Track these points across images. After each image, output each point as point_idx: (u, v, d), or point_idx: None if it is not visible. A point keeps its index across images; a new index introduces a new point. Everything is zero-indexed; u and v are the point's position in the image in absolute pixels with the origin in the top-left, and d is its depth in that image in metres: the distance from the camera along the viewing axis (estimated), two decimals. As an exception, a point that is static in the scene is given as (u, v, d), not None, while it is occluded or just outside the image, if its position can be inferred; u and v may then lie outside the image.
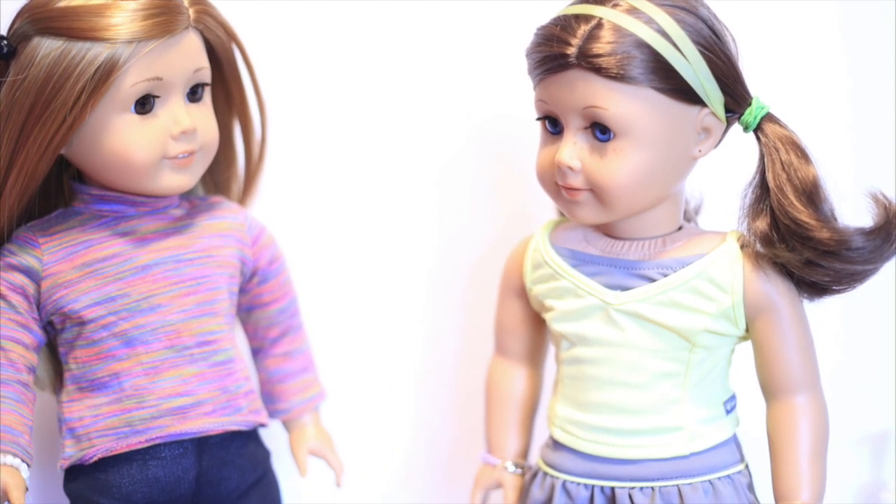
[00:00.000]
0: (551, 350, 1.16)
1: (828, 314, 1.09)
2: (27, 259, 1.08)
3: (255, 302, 1.19)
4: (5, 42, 1.05)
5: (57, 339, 1.10)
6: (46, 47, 1.02)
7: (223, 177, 1.21)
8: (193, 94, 1.09)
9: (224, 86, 1.15)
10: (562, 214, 1.13)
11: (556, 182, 1.04)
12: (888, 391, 1.31)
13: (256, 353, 1.21)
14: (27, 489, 1.05)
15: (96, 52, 1.01)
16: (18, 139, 1.03)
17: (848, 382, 1.24)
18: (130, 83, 1.03)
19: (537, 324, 1.15)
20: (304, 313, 1.23)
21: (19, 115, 1.03)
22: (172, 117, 1.06)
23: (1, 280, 1.08)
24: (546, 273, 1.10)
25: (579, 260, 1.08)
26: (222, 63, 1.13)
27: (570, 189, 1.03)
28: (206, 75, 1.09)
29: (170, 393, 1.08)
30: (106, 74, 1.02)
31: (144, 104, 1.05)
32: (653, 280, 1.04)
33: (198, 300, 1.10)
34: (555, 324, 1.09)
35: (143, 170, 1.06)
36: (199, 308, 1.10)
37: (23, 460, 1.05)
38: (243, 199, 1.22)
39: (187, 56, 1.06)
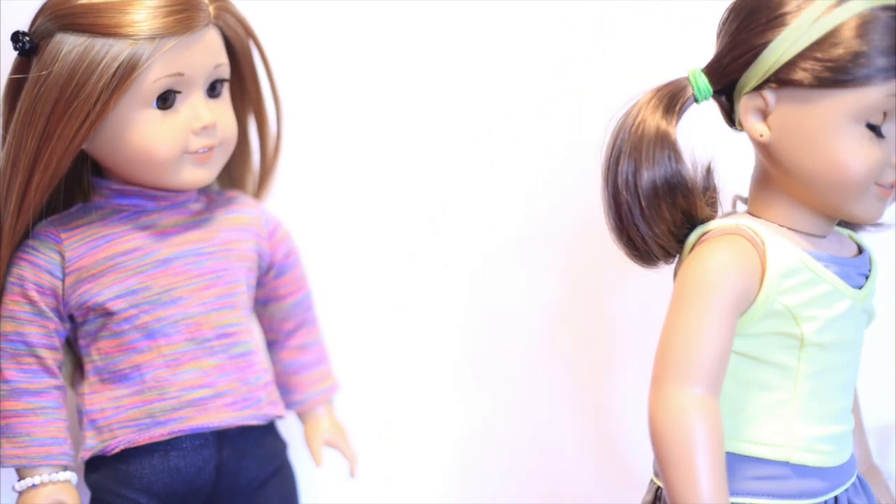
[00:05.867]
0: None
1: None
2: (51, 255, 1.09)
3: (272, 295, 1.20)
4: (27, 38, 1.05)
5: (77, 331, 1.11)
6: (70, 44, 1.03)
7: (238, 172, 1.21)
8: (213, 90, 1.10)
9: (240, 82, 1.16)
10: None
11: (875, 183, 0.96)
12: (891, 383, 1.32)
13: (272, 345, 1.22)
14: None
15: (119, 49, 1.02)
16: (42, 135, 1.04)
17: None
18: (152, 79, 1.04)
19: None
20: (316, 307, 1.24)
21: (43, 111, 1.03)
22: (193, 112, 1.07)
23: (29, 285, 1.08)
24: (805, 279, 0.97)
25: (826, 261, 0.99)
26: (240, 59, 1.14)
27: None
28: (226, 71, 1.10)
29: (190, 385, 1.09)
30: (128, 71, 1.03)
31: (166, 100, 1.06)
32: (866, 275, 1.02)
33: (217, 293, 1.11)
34: (817, 335, 0.97)
35: (165, 164, 1.07)
36: (219, 301, 1.11)
37: (72, 469, 1.09)
38: (258, 193, 1.23)
39: (208, 52, 1.07)
